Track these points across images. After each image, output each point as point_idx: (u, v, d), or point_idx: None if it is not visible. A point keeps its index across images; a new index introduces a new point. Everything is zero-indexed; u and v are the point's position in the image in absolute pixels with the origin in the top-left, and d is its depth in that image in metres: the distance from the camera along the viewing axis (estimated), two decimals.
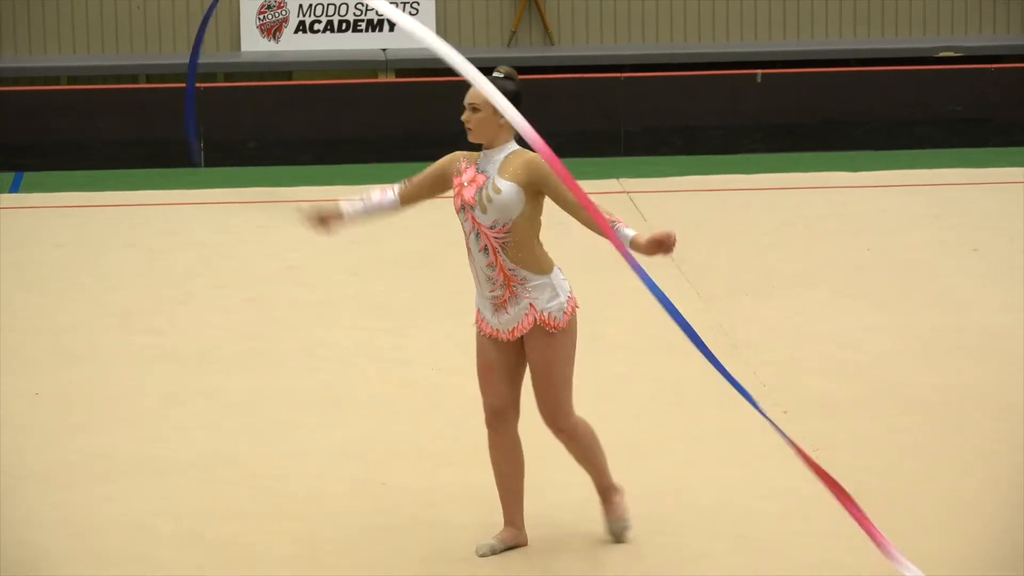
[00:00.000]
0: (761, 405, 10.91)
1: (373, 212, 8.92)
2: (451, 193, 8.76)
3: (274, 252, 15.45)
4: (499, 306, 8.67)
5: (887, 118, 19.73)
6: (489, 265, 8.61)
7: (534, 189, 8.53)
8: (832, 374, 11.89)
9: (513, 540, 8.97)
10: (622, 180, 17.61)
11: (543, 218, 8.69)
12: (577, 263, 10.57)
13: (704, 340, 9.20)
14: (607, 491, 8.92)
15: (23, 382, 11.89)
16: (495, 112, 8.43)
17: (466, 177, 8.67)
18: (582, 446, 8.83)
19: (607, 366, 11.91)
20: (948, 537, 9.07)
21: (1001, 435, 10.65)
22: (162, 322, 13.47)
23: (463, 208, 8.62)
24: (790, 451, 7.59)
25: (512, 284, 8.60)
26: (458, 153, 8.82)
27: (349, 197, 8.84)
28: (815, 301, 13.65)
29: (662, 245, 8.22)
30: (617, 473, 8.86)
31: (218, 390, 11.79)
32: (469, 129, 8.65)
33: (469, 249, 8.67)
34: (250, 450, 10.58)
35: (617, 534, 8.87)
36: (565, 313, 8.63)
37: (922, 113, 19.81)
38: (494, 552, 8.93)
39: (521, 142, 8.08)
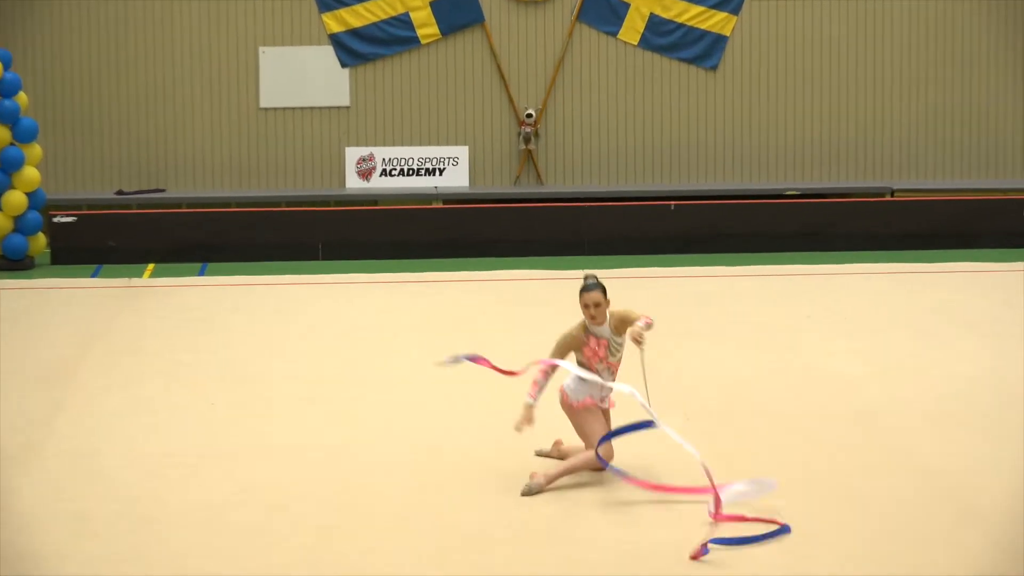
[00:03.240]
0: (669, 414, 11.03)
1: (544, 388, 9.20)
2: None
3: (366, 312, 15.43)
4: (603, 400, 9.31)
5: (752, 232, 19.74)
6: (612, 379, 9.23)
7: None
8: (718, 393, 11.87)
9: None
10: (583, 271, 17.57)
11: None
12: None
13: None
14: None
15: (204, 395, 11.87)
16: (606, 300, 9.16)
17: (593, 344, 9.17)
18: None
19: None
20: (799, 486, 9.05)
21: (822, 428, 10.67)
22: (293, 354, 13.43)
23: (601, 360, 9.15)
24: None
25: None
26: (573, 332, 9.21)
27: (530, 392, 9.17)
28: (706, 346, 13.63)
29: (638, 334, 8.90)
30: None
31: (332, 398, 11.74)
32: (593, 317, 9.14)
33: (599, 372, 9.18)
34: (352, 438, 10.55)
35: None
36: None
37: (774, 230, 19.80)
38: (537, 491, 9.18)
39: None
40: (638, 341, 8.82)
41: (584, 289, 9.22)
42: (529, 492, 9.05)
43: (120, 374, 12.54)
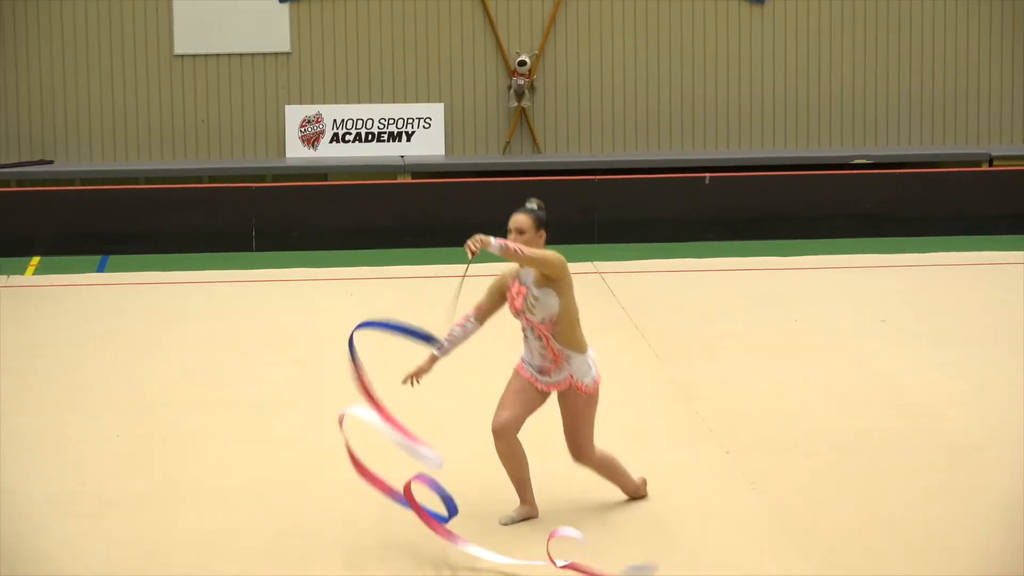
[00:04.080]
0: (706, 447, 11.02)
1: (460, 342, 9.62)
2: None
3: (312, 320, 15.40)
4: (545, 371, 9.41)
5: (812, 213, 19.75)
6: (543, 347, 9.38)
7: (557, 286, 9.32)
8: (767, 421, 11.85)
9: (527, 514, 9.52)
10: (595, 263, 17.59)
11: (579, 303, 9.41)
12: None
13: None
14: (634, 493, 9.73)
15: (107, 426, 11.83)
16: (536, 233, 9.38)
17: (514, 291, 9.47)
18: (606, 469, 9.60)
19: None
20: (875, 548, 9.08)
21: (906, 469, 10.67)
22: (223, 376, 13.39)
23: (518, 313, 9.41)
24: None
25: (559, 360, 9.36)
26: (505, 274, 9.54)
27: (440, 342, 9.47)
28: (753, 361, 13.62)
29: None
30: None
31: (269, 430, 11.72)
32: None
33: (526, 336, 9.46)
34: (294, 478, 10.55)
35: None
36: (594, 382, 9.40)
37: (840, 209, 19.82)
38: (512, 521, 9.47)
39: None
40: (470, 248, 9.05)
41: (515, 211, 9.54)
42: (510, 521, 9.45)
43: None
